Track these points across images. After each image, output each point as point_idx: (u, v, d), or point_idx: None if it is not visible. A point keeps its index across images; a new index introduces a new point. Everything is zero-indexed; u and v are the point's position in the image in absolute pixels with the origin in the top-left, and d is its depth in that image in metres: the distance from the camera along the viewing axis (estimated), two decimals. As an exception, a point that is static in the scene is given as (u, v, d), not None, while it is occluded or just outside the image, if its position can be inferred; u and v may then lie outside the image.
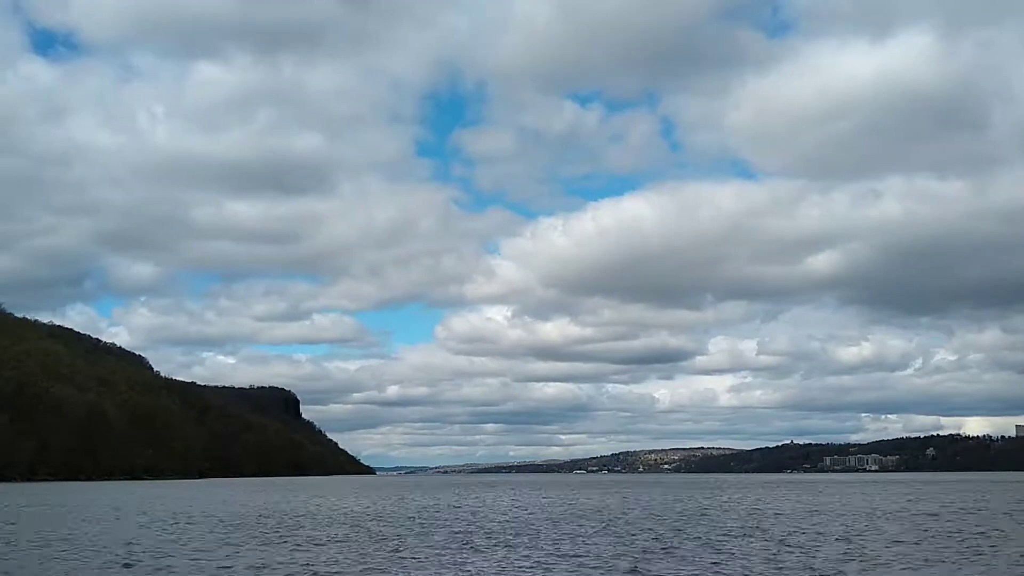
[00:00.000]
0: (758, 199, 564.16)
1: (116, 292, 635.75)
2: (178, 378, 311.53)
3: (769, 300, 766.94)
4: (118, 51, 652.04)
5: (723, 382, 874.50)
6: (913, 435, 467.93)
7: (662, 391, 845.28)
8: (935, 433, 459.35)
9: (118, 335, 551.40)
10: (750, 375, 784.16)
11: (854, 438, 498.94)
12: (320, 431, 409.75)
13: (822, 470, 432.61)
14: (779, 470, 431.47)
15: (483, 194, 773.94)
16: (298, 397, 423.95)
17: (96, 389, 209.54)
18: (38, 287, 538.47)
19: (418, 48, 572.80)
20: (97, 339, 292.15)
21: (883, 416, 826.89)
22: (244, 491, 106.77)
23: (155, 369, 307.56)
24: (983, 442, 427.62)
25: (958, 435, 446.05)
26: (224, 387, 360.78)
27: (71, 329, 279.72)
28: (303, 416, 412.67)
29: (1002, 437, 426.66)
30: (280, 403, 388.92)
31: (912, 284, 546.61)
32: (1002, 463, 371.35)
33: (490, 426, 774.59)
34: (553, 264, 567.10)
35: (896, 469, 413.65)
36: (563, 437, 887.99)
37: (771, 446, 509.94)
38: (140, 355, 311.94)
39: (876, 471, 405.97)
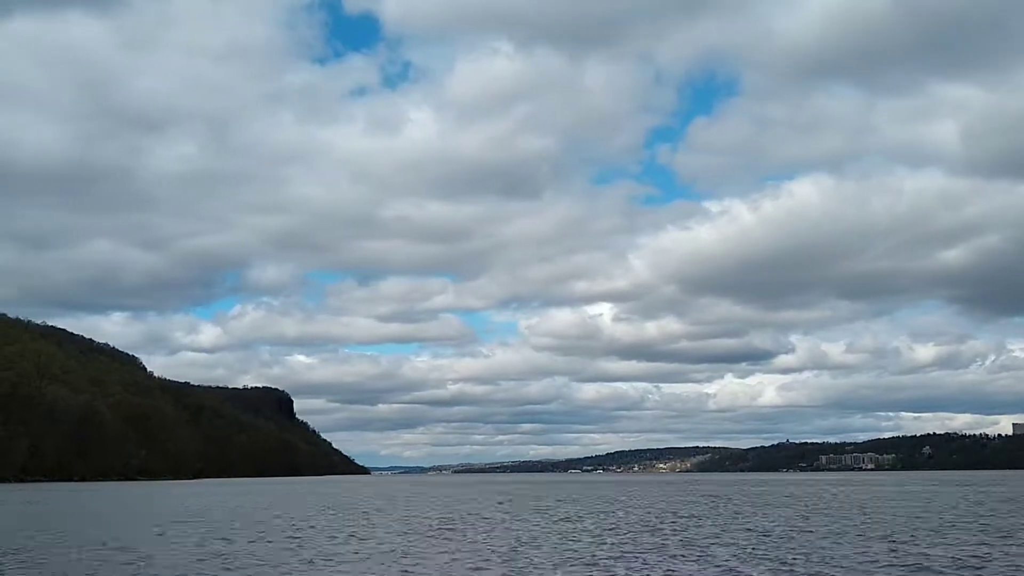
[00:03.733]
0: (936, 192, 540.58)
1: (244, 293, 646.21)
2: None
3: (883, 299, 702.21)
4: (401, 44, 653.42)
5: (785, 381, 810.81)
6: (909, 433, 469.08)
7: (719, 390, 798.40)
8: (931, 432, 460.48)
9: (218, 338, 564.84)
10: (814, 375, 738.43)
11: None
12: (314, 431, 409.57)
13: (817, 469, 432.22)
14: (774, 469, 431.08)
15: (679, 187, 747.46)
16: (362, 395, 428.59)
17: (89, 390, 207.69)
18: (170, 287, 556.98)
19: (693, 36, 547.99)
20: (91, 339, 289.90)
21: (920, 415, 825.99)
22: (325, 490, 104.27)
23: (151, 370, 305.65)
24: (979, 440, 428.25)
25: (954, 433, 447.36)
26: (218, 387, 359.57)
27: (64, 330, 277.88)
28: (297, 416, 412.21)
29: (999, 436, 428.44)
30: (274, 403, 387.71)
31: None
32: (998, 461, 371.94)
33: (526, 425, 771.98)
34: (688, 259, 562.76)
35: (892, 468, 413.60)
36: (596, 436, 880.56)
37: (766, 445, 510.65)
38: (133, 355, 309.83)
39: (872, 469, 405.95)
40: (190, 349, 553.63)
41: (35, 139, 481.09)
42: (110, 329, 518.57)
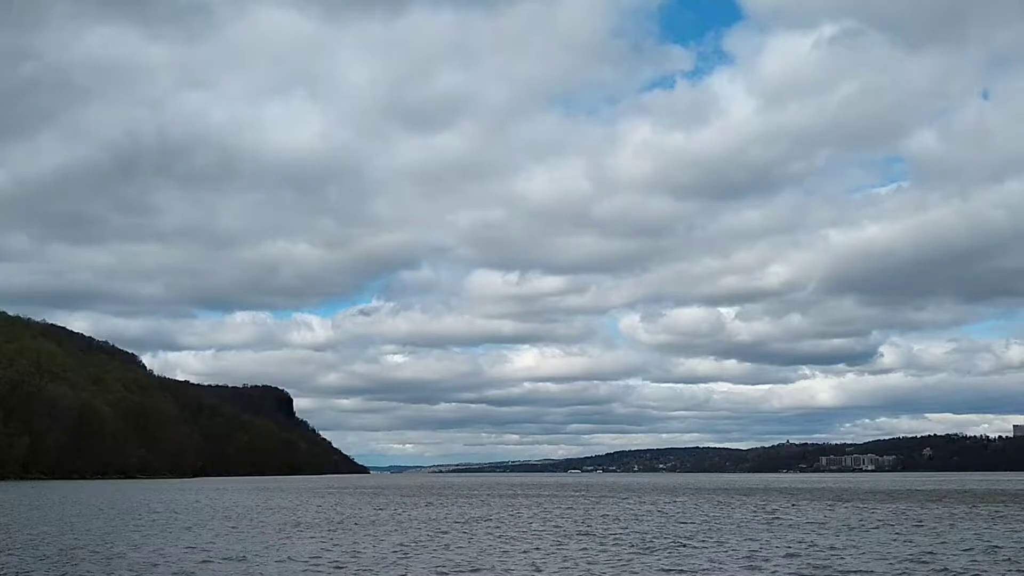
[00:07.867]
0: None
1: (388, 292, 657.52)
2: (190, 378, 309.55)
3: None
4: (722, 36, 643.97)
5: (843, 382, 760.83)
6: (910, 435, 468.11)
7: (784, 391, 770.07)
8: (932, 433, 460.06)
9: (329, 337, 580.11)
10: (883, 377, 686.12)
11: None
12: (313, 430, 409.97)
13: (817, 470, 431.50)
14: (775, 470, 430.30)
15: (908, 174, 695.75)
16: (429, 394, 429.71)
17: (89, 388, 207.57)
18: (316, 288, 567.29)
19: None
20: (91, 338, 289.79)
21: (967, 416, 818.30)
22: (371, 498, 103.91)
23: (154, 368, 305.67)
24: (980, 442, 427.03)
25: (955, 435, 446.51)
26: (218, 386, 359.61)
27: (64, 328, 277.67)
28: (296, 415, 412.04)
29: (999, 437, 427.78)
30: (273, 402, 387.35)
31: None
32: (999, 463, 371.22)
33: (574, 425, 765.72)
34: (852, 254, 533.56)
35: (892, 469, 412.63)
36: (635, 437, 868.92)
37: (767, 446, 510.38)
38: (133, 353, 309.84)
39: (872, 471, 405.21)
40: (300, 347, 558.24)
41: (294, 133, 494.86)
42: (221, 327, 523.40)
